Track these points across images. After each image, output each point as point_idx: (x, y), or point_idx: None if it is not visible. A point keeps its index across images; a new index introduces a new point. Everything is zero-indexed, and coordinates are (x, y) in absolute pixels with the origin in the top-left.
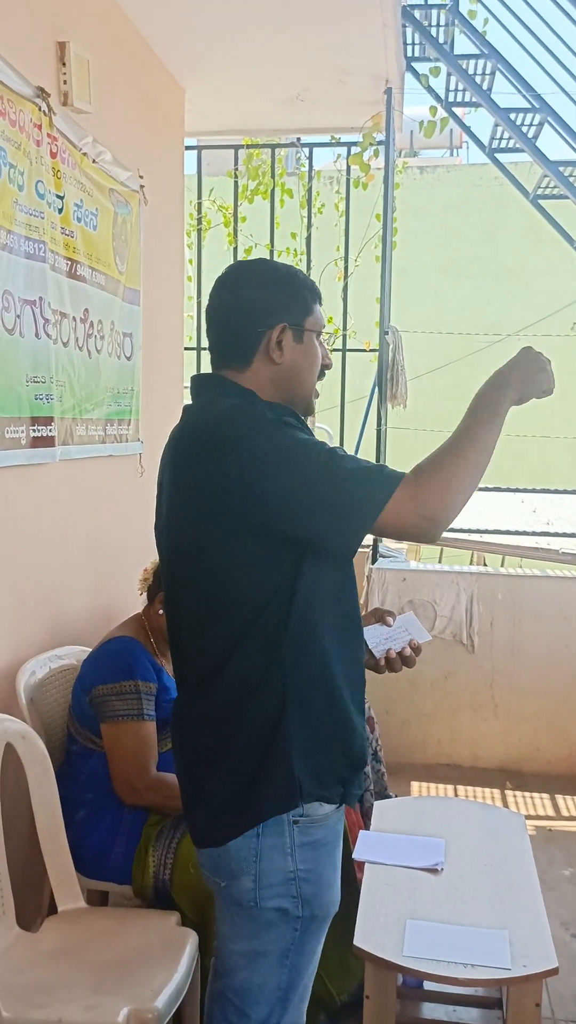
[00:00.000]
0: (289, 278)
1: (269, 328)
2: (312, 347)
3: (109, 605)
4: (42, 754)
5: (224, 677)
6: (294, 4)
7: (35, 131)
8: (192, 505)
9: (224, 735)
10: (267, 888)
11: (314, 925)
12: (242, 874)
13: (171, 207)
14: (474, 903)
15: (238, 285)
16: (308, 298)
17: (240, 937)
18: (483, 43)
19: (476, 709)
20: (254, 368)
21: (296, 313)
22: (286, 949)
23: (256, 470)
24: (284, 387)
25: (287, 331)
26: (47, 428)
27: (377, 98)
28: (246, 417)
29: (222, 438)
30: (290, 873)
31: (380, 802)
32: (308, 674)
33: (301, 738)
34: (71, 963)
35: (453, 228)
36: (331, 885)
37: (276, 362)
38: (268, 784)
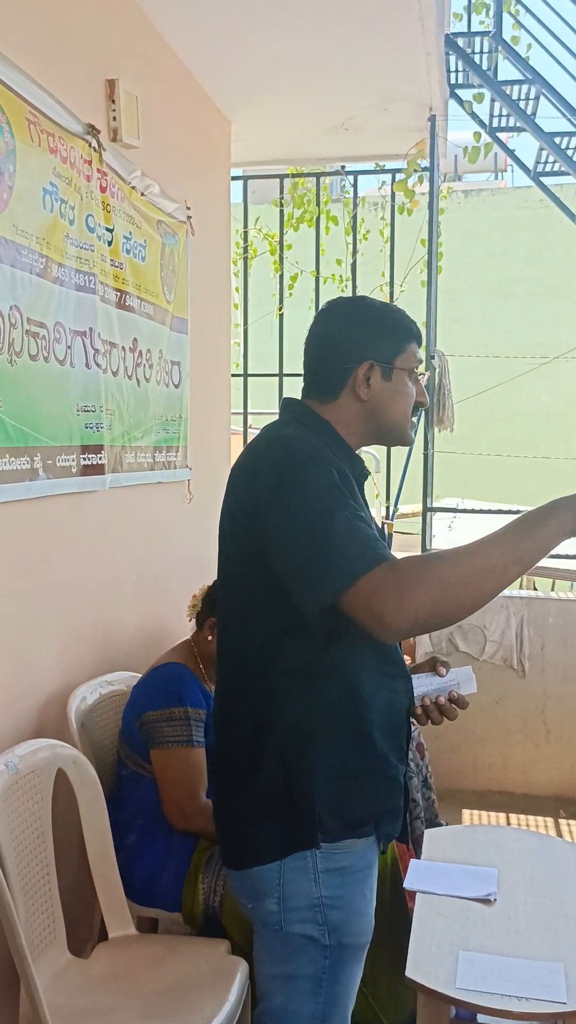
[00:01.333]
0: (382, 316)
1: (356, 365)
2: (402, 385)
3: (158, 631)
4: (92, 779)
5: (254, 700)
6: (338, 35)
7: (85, 167)
8: (238, 517)
9: (250, 762)
10: (291, 912)
11: (346, 954)
12: (266, 896)
13: (218, 236)
14: (528, 934)
15: (332, 321)
16: (401, 336)
17: (272, 960)
18: (527, 68)
19: (528, 735)
20: (340, 403)
21: (385, 351)
22: (318, 977)
23: (273, 503)
24: (370, 423)
25: (374, 369)
26: (97, 456)
27: (421, 125)
28: (298, 449)
29: (271, 462)
30: (315, 899)
31: (431, 830)
32: (339, 712)
33: (326, 776)
34: (121, 989)
35: (500, 250)
36: (361, 914)
37: (362, 399)
38: (289, 819)
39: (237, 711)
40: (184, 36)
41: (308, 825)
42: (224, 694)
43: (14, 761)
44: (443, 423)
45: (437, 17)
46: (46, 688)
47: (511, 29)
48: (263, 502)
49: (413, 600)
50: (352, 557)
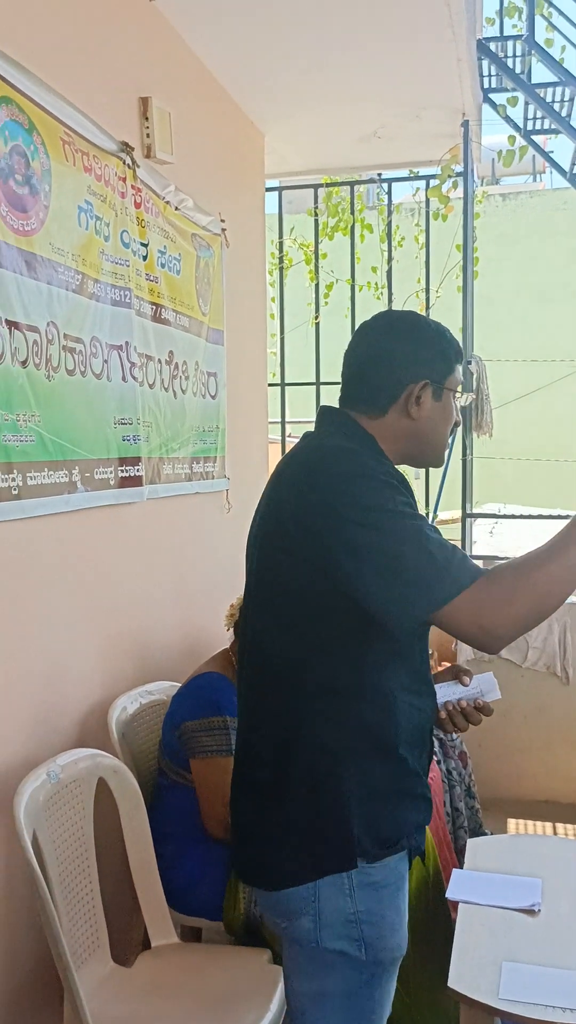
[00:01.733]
0: (438, 336)
1: (412, 382)
2: (449, 406)
3: (196, 641)
4: (133, 789)
5: (285, 719)
6: (367, 46)
7: (120, 184)
8: (280, 530)
9: (277, 781)
10: (327, 928)
11: (380, 970)
12: (302, 914)
13: (253, 247)
14: (572, 946)
15: (385, 335)
16: (452, 357)
17: (304, 977)
18: (560, 70)
19: (573, 743)
20: (388, 418)
21: (439, 371)
22: (351, 993)
23: (344, 517)
24: (415, 441)
25: (428, 388)
26: (135, 468)
27: (454, 131)
28: (354, 462)
29: (325, 472)
30: (351, 914)
31: (474, 840)
32: (371, 732)
33: (360, 797)
34: (164, 998)
35: (538, 253)
36: (395, 928)
37: (413, 417)
38: (325, 842)
39: (263, 730)
40: (216, 52)
41: (345, 848)
42: (250, 712)
43: (55, 771)
44: (482, 428)
45: (468, 23)
46: (87, 698)
47: (544, 32)
48: (326, 518)
49: (519, 609)
50: (452, 572)
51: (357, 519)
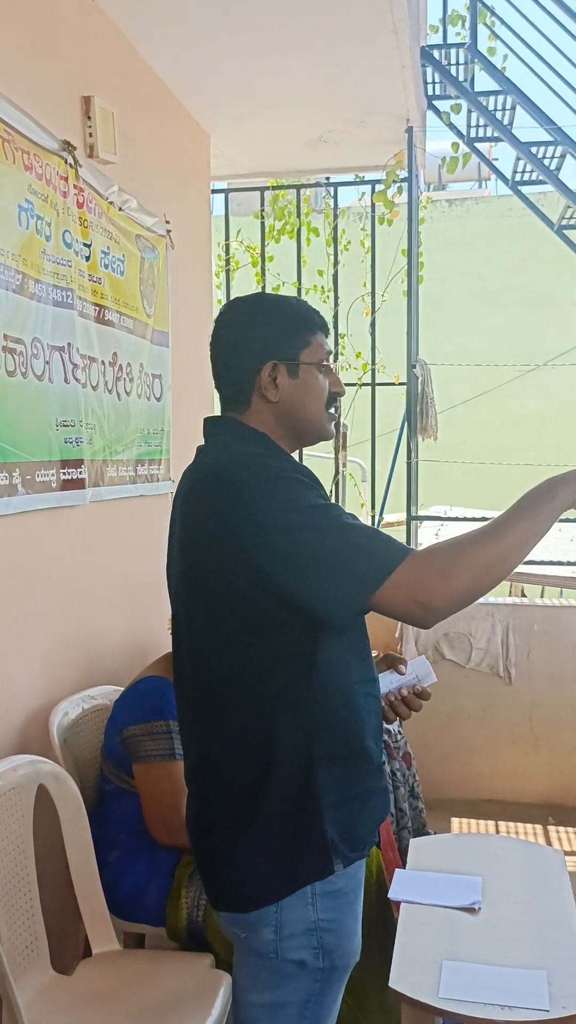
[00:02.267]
0: (278, 312)
1: (259, 367)
2: (311, 379)
3: (142, 645)
4: (75, 795)
5: (247, 736)
6: (313, 50)
7: (61, 183)
8: (205, 550)
9: (249, 798)
10: (288, 939)
11: (335, 976)
12: (263, 925)
13: (198, 250)
14: (512, 943)
15: (229, 325)
16: (302, 329)
17: (259, 988)
18: (502, 79)
19: (516, 742)
20: (254, 408)
21: (287, 348)
22: (306, 1000)
23: (262, 525)
24: (287, 423)
25: (279, 368)
26: (77, 470)
27: (399, 137)
28: (262, 467)
29: (236, 484)
30: (312, 923)
31: (417, 840)
32: (337, 732)
33: (332, 800)
34: (106, 1006)
35: (484, 259)
36: (352, 934)
37: (273, 400)
38: (302, 852)
39: (228, 751)
40: (161, 52)
41: (324, 856)
42: (202, 738)
43: None
44: (426, 432)
45: (412, 30)
46: (28, 703)
47: (487, 40)
48: (246, 529)
49: (458, 583)
50: (379, 554)
51: (275, 524)
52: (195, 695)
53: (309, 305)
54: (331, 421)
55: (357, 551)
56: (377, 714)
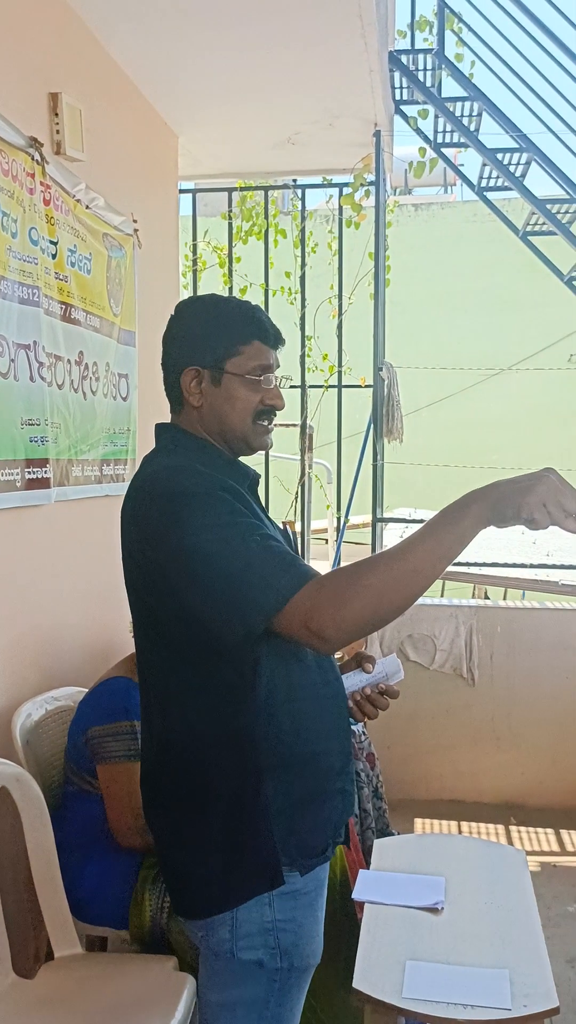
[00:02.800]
0: (212, 317)
1: (182, 373)
2: (232, 389)
3: (106, 646)
4: (37, 797)
5: (188, 745)
6: (282, 52)
7: (28, 180)
8: (133, 564)
9: (193, 809)
10: (244, 938)
11: (294, 977)
12: (219, 925)
13: (166, 249)
14: (475, 942)
15: (168, 331)
16: (233, 337)
17: (218, 987)
18: (469, 86)
19: (478, 743)
20: (185, 412)
21: (210, 356)
22: (265, 1001)
23: (173, 544)
24: (212, 429)
25: (201, 374)
26: (42, 470)
27: (367, 140)
28: (177, 483)
29: (151, 500)
30: (268, 923)
31: (380, 840)
32: (280, 740)
33: (281, 808)
34: (67, 1010)
35: (449, 263)
36: (312, 935)
37: (195, 406)
38: (249, 865)
39: (169, 764)
40: (130, 51)
41: (271, 868)
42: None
43: None
44: (392, 434)
45: (380, 35)
46: None
47: (454, 47)
48: (159, 547)
49: (352, 612)
50: (276, 581)
51: (183, 544)
52: (145, 701)
53: (255, 313)
54: (263, 434)
55: (259, 576)
56: (336, 715)
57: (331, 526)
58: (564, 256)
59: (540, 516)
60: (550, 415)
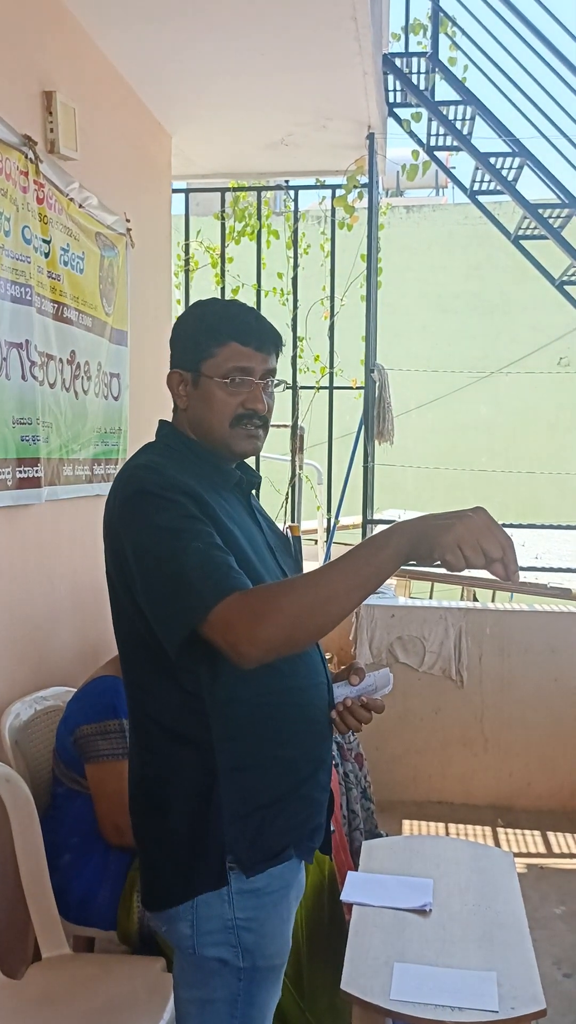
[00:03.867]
0: (195, 320)
1: (170, 374)
2: (209, 393)
3: (96, 645)
4: (26, 798)
5: (151, 739)
6: (276, 54)
7: (21, 178)
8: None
9: (155, 799)
10: (205, 935)
11: (259, 976)
12: (179, 920)
13: (158, 249)
14: (462, 944)
15: None
16: (208, 340)
17: (187, 984)
18: (463, 89)
19: (466, 744)
20: (177, 413)
21: (190, 358)
22: (233, 999)
23: (128, 541)
24: (198, 432)
25: (184, 377)
26: (33, 469)
27: (360, 142)
28: (140, 482)
29: (117, 498)
30: (228, 921)
31: (369, 842)
32: (242, 743)
33: (238, 811)
34: (55, 1011)
35: (440, 266)
36: (276, 935)
37: (182, 408)
38: (199, 862)
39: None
40: (124, 50)
41: (217, 868)
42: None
43: None
44: (383, 436)
45: (374, 38)
46: None
47: (448, 50)
48: (119, 543)
49: (265, 631)
50: (202, 589)
51: (135, 542)
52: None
53: (238, 314)
54: (244, 437)
55: (188, 584)
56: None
57: (321, 527)
58: (555, 260)
59: (453, 558)
60: (539, 418)
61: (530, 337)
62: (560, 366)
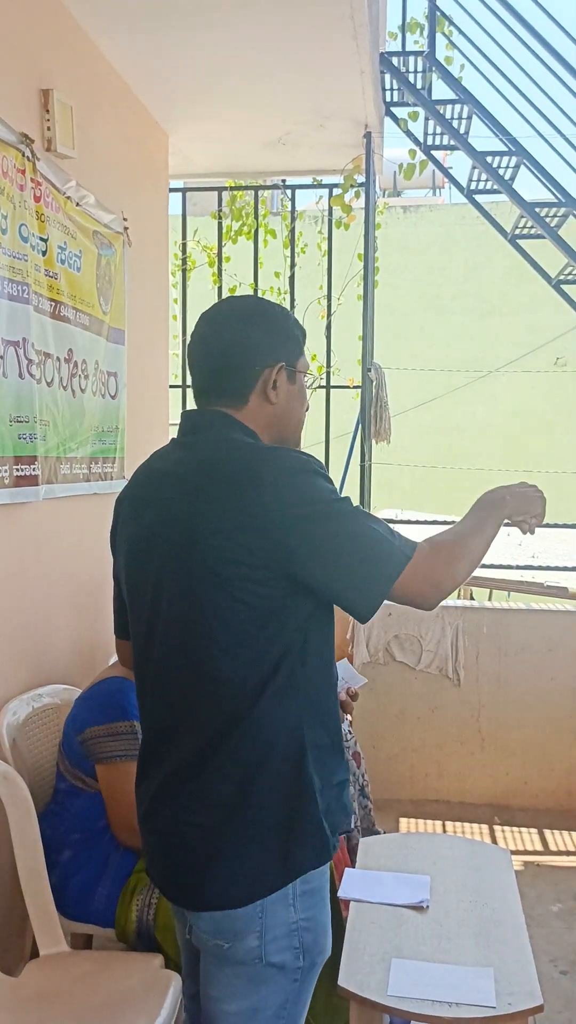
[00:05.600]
0: (285, 317)
1: (268, 367)
2: (302, 388)
3: (93, 644)
4: (24, 795)
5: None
6: (273, 52)
7: (19, 176)
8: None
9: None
10: (272, 943)
11: (312, 973)
12: (248, 932)
13: (156, 248)
14: (459, 940)
15: (236, 321)
16: (300, 339)
17: (237, 997)
18: (460, 89)
19: (463, 743)
20: (250, 406)
21: (292, 353)
22: (284, 1001)
23: (295, 514)
24: (277, 426)
25: (283, 371)
26: (31, 467)
27: (357, 141)
28: (284, 459)
29: (262, 473)
30: (293, 924)
31: (366, 839)
32: (321, 721)
33: (320, 784)
34: (53, 1008)
35: (437, 266)
36: (327, 931)
37: (272, 401)
38: (298, 839)
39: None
40: (121, 49)
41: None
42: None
43: None
44: (380, 435)
45: (371, 36)
46: None
47: (444, 50)
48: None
49: (459, 568)
50: (398, 545)
51: (306, 514)
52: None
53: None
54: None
55: (381, 542)
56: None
57: None
58: (552, 260)
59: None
60: (536, 418)
61: (527, 337)
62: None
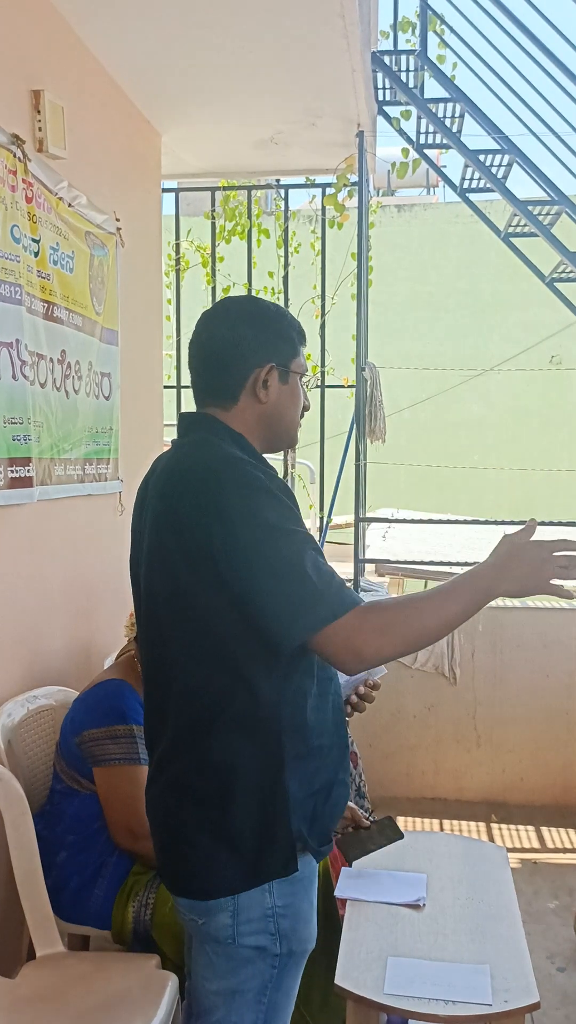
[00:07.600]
0: (279, 317)
1: (258, 367)
2: (296, 388)
3: (88, 645)
4: (19, 797)
5: (222, 728)
6: (264, 51)
7: (10, 177)
8: (178, 546)
9: (222, 788)
10: (246, 924)
11: (292, 962)
12: (220, 910)
13: (149, 248)
14: (456, 938)
15: (228, 321)
16: (295, 340)
17: (216, 976)
18: (452, 87)
19: (459, 740)
20: (240, 406)
21: (284, 354)
22: (264, 986)
23: (240, 533)
24: (268, 425)
25: (274, 371)
26: (25, 469)
27: (350, 140)
28: (245, 474)
29: (219, 485)
30: (268, 909)
31: None
32: (301, 731)
33: (299, 796)
34: (50, 1009)
35: (431, 264)
36: (308, 921)
37: (262, 401)
38: (268, 849)
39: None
40: (112, 49)
41: (287, 854)
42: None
43: None
44: (375, 435)
45: (363, 35)
46: None
47: (437, 48)
48: (221, 532)
49: (390, 643)
50: (331, 600)
51: (250, 538)
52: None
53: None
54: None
55: (312, 590)
56: (338, 709)
57: (314, 526)
58: (545, 258)
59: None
60: (531, 416)
61: (521, 335)
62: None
